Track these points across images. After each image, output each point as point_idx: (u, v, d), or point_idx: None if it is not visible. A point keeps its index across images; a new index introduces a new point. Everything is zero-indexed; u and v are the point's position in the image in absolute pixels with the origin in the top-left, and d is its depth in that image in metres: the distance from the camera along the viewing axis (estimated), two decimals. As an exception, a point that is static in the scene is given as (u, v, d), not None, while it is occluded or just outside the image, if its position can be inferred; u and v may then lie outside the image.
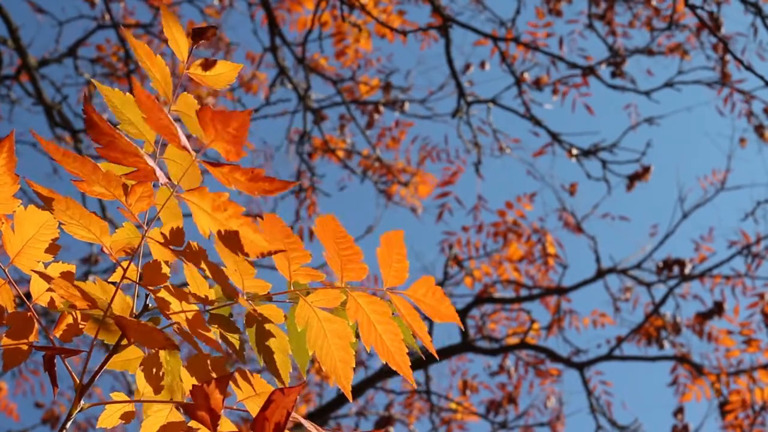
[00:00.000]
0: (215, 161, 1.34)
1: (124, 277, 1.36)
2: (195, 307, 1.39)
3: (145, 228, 1.39)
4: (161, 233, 1.39)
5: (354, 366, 1.41)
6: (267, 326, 1.43)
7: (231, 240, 1.34)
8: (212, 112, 1.30)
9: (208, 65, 1.44)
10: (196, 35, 1.41)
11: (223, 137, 1.32)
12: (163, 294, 1.36)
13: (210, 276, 1.39)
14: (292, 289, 1.41)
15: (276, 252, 1.35)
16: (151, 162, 1.34)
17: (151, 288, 1.36)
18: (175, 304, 1.36)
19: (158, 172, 1.35)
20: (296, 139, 8.74)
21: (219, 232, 1.35)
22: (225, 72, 1.46)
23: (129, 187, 1.36)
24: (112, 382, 9.87)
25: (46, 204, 1.35)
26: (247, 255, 1.35)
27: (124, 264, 1.37)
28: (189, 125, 1.45)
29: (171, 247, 1.38)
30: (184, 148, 1.33)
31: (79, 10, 12.08)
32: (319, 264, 5.76)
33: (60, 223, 1.36)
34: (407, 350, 1.43)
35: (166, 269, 1.37)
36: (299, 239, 1.38)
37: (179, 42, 1.43)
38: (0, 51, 7.66)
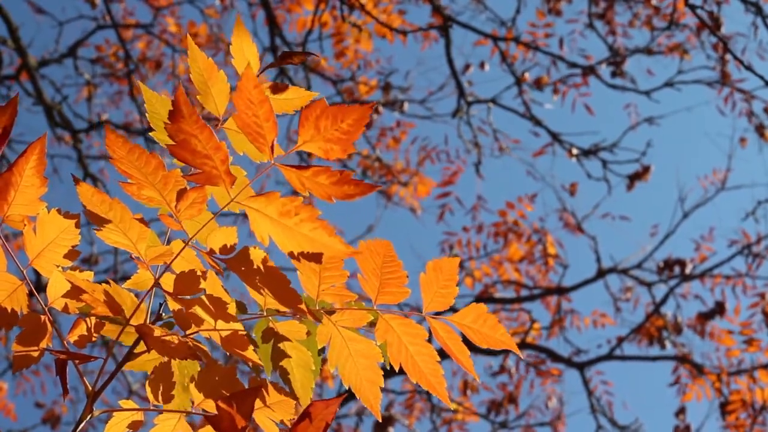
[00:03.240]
0: (293, 165, 1.26)
1: (154, 286, 1.33)
2: (238, 325, 1.33)
3: (190, 236, 1.33)
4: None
5: (382, 386, 1.35)
6: (284, 343, 1.39)
7: (300, 244, 1.26)
8: (323, 108, 1.23)
9: (278, 89, 1.36)
10: (283, 58, 1.33)
11: (326, 135, 1.24)
12: (195, 308, 1.31)
13: (263, 292, 1.33)
14: (317, 307, 1.36)
15: (353, 254, 1.28)
16: (223, 166, 1.26)
17: (181, 298, 1.31)
18: (201, 313, 1.32)
19: (230, 176, 1.27)
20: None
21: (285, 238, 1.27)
22: (295, 98, 1.38)
23: (184, 192, 1.29)
24: (114, 383, 9.86)
25: (91, 205, 1.30)
26: (310, 258, 1.27)
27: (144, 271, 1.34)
28: (234, 142, 1.38)
29: (216, 257, 1.32)
30: (270, 150, 1.25)
31: (79, 11, 12.08)
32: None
33: (95, 227, 1.31)
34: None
35: (201, 281, 1.32)
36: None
37: (250, 59, 1.35)
38: (0, 51, 7.65)
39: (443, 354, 1.59)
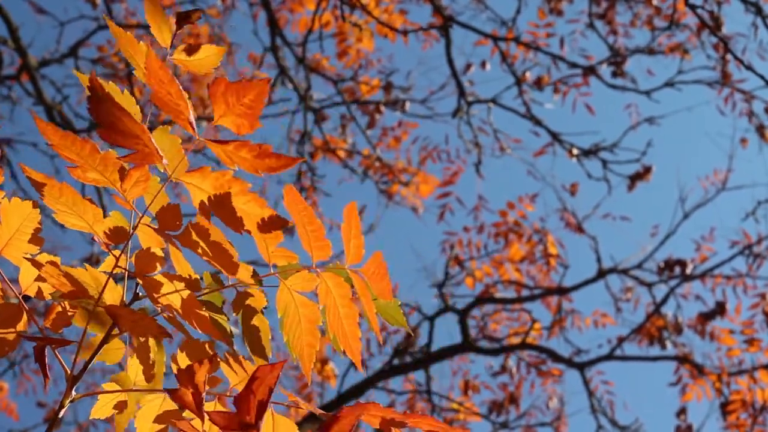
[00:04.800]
0: (218, 139, 1.31)
1: (116, 266, 1.35)
2: (188, 290, 1.36)
3: (140, 214, 1.36)
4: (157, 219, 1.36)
5: (318, 349, 1.41)
6: (251, 303, 1.41)
7: (231, 217, 1.31)
8: (226, 84, 1.28)
9: (191, 50, 1.40)
10: (181, 19, 1.38)
11: (235, 111, 1.29)
12: (154, 278, 1.34)
13: (211, 261, 1.37)
14: (272, 271, 1.40)
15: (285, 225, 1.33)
16: (152, 144, 1.30)
17: (145, 276, 1.34)
18: (167, 287, 1.34)
19: (160, 155, 1.31)
20: (297, 139, 8.74)
21: (219, 211, 1.32)
22: (209, 56, 1.42)
23: (125, 172, 1.33)
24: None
25: (39, 189, 1.33)
26: (248, 232, 1.33)
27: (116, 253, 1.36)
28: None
29: (167, 232, 1.35)
30: (191, 126, 1.30)
31: (80, 11, 12.11)
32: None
33: (53, 211, 1.34)
34: (361, 334, 1.42)
35: (158, 257, 1.36)
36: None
37: (161, 28, 1.40)
38: (0, 51, 7.66)
39: (441, 355, 1.62)
